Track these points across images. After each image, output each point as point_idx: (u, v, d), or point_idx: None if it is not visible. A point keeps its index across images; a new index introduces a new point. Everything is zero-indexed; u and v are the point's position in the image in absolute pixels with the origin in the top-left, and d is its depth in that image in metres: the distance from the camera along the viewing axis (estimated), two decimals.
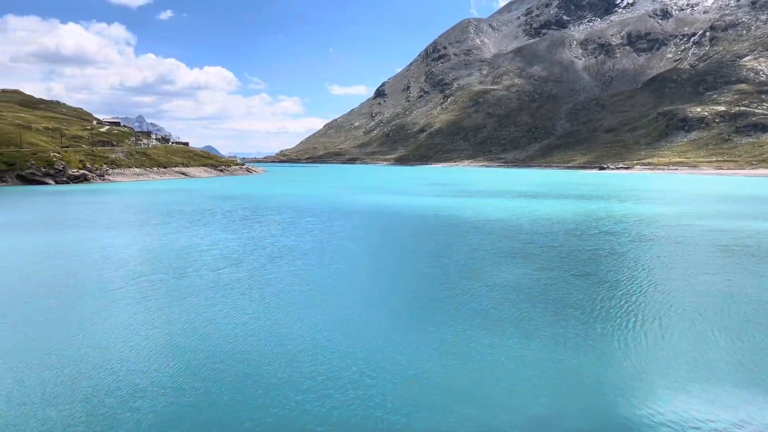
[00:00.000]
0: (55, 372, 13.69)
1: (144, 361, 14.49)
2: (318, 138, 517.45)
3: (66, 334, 16.53)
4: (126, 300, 20.32)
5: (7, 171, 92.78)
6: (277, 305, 19.78)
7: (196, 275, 24.52)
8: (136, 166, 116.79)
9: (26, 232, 37.69)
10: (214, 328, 17.20)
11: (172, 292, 21.43)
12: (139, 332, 16.79)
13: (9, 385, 12.97)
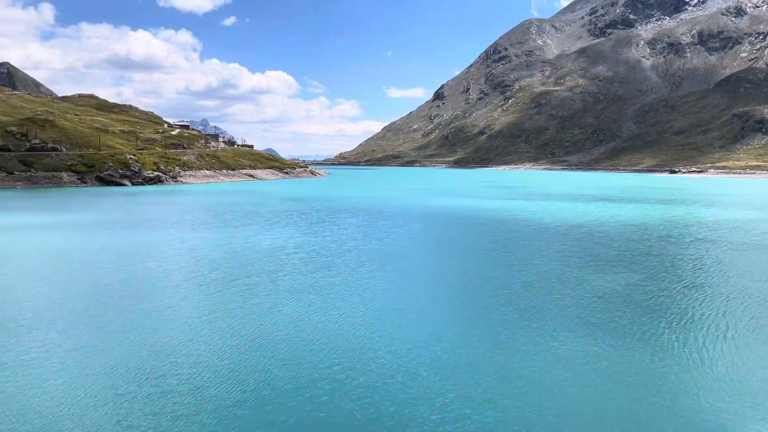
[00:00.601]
0: (171, 370, 13.55)
1: (254, 364, 14.19)
2: (376, 141, 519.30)
3: (178, 336, 16.47)
4: (230, 304, 20.22)
5: (87, 172, 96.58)
6: (375, 309, 19.26)
7: (290, 278, 24.34)
8: (206, 168, 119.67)
9: (118, 232, 38.66)
10: (321, 333, 16.80)
11: (272, 296, 21.24)
12: (248, 337, 16.55)
13: (127, 383, 12.89)
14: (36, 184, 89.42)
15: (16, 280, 24.10)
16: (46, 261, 28.26)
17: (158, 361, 14.46)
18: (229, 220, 46.71)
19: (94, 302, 20.19)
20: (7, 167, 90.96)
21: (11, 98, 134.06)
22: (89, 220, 46.62)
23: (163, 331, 17.07)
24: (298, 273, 25.56)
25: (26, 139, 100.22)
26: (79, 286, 22.86)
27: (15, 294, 21.50)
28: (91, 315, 18.57)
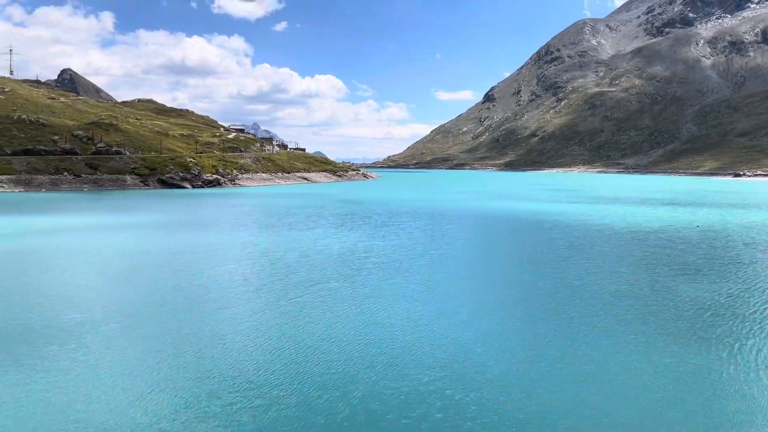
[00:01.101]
0: (257, 377, 13.17)
1: (348, 371, 13.68)
2: (425, 143, 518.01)
3: (266, 341, 16.12)
4: (314, 308, 19.82)
5: (150, 175, 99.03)
6: (459, 318, 18.51)
7: (369, 283, 23.82)
8: (262, 172, 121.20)
9: (191, 234, 39.07)
10: (410, 339, 16.18)
11: (355, 301, 20.73)
12: (339, 342, 16.06)
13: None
14: (101, 187, 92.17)
15: (98, 281, 24.41)
16: (126, 263, 28.60)
17: (243, 367, 14.11)
18: (295, 222, 46.73)
19: (177, 306, 20.11)
20: (75, 170, 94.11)
21: (77, 103, 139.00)
22: (161, 222, 47.46)
23: (250, 335, 16.76)
24: (375, 278, 25.05)
25: (92, 143, 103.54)
26: (160, 288, 22.92)
27: (99, 296, 21.69)
28: (174, 318, 18.45)
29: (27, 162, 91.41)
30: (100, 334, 16.70)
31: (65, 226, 43.45)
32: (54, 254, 30.78)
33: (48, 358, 14.68)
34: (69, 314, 18.64)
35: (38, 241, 35.54)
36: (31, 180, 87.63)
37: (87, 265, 27.76)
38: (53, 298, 20.89)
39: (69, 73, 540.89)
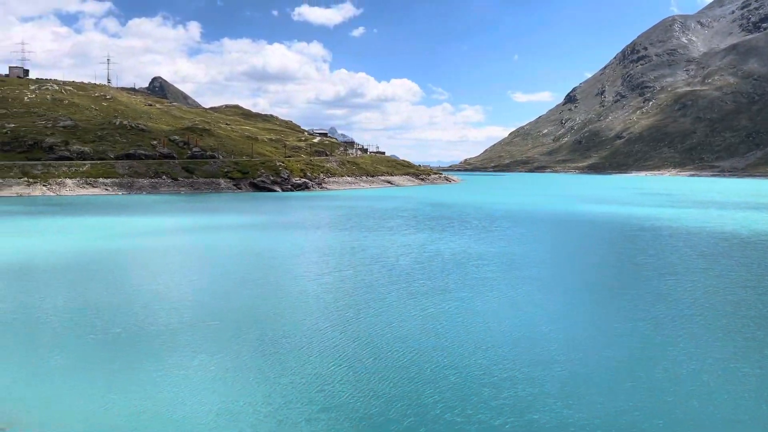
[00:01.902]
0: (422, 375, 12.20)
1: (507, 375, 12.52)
2: (503, 146, 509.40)
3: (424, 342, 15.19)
4: (454, 319, 18.78)
5: (242, 179, 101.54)
6: (607, 328, 16.90)
7: (504, 290, 22.56)
8: (347, 175, 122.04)
9: (305, 234, 39.11)
10: (563, 347, 14.82)
11: (494, 313, 19.55)
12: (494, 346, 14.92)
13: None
14: (197, 190, 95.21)
15: (229, 281, 24.25)
16: (245, 264, 28.55)
17: (401, 368, 13.20)
18: (395, 226, 46.01)
19: (309, 311, 19.56)
20: (172, 173, 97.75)
21: (171, 109, 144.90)
22: (267, 223, 48.07)
23: (387, 348, 15.86)
24: (506, 284, 23.78)
25: (187, 147, 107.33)
26: (285, 293, 22.54)
27: (232, 296, 21.42)
28: (306, 323, 17.85)
29: (129, 166, 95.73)
30: (225, 336, 16.31)
31: (183, 226, 44.63)
32: (181, 253, 31.31)
33: (176, 356, 14.37)
34: (198, 315, 18.45)
35: (165, 240, 36.46)
36: (133, 183, 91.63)
37: (212, 267, 27.91)
38: (184, 300, 20.86)
39: (159, 81, 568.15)
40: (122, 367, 14.22)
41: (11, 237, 38.00)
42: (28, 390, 12.82)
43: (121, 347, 15.63)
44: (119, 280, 24.85)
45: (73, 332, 17.03)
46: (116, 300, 20.81)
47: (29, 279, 24.72)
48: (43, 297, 21.46)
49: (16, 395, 12.54)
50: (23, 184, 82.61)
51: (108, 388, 12.88)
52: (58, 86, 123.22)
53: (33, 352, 15.21)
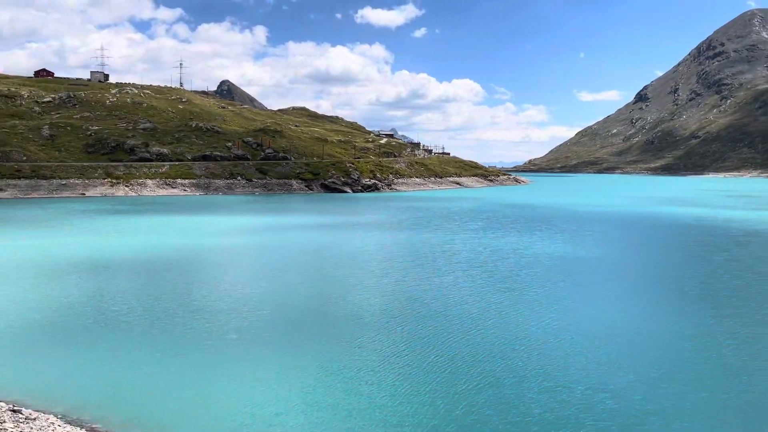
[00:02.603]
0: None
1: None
2: (569, 146, 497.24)
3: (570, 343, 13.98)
4: (588, 311, 17.46)
5: (313, 180, 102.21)
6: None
7: (625, 295, 21.04)
8: (416, 176, 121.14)
9: (399, 233, 38.36)
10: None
11: (631, 312, 18.08)
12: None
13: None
14: (270, 191, 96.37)
15: (331, 283, 23.57)
16: (349, 264, 27.92)
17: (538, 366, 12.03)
18: (483, 228, 44.65)
19: (427, 312, 18.60)
20: (246, 174, 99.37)
21: (243, 111, 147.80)
22: (354, 223, 47.68)
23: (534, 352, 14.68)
24: (628, 289, 22.20)
25: (261, 149, 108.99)
26: (399, 294, 21.66)
27: (337, 297, 20.68)
28: (446, 322, 16.86)
29: (205, 167, 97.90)
30: (332, 337, 15.52)
31: (272, 225, 44.71)
32: (279, 253, 31.08)
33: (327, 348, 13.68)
34: (305, 315, 17.81)
35: (261, 239, 36.51)
36: (209, 184, 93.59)
37: (311, 268, 27.40)
38: (291, 299, 20.33)
39: (227, 84, 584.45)
40: (242, 365, 13.71)
41: (118, 235, 38.91)
42: (139, 387, 12.42)
43: (233, 346, 15.15)
44: (223, 278, 24.67)
45: (192, 329, 16.69)
46: (225, 299, 20.50)
47: (138, 275, 24.86)
48: (155, 293, 21.39)
49: (125, 393, 12.14)
50: (107, 185, 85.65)
51: (220, 384, 12.35)
52: (137, 89, 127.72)
53: (151, 349, 14.89)
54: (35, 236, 38.34)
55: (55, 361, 14.65)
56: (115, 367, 14.14)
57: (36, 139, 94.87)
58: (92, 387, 12.96)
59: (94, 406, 11.95)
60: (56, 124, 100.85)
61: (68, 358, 14.86)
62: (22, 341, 16.20)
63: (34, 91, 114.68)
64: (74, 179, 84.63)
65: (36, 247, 33.57)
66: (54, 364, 14.45)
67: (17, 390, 12.74)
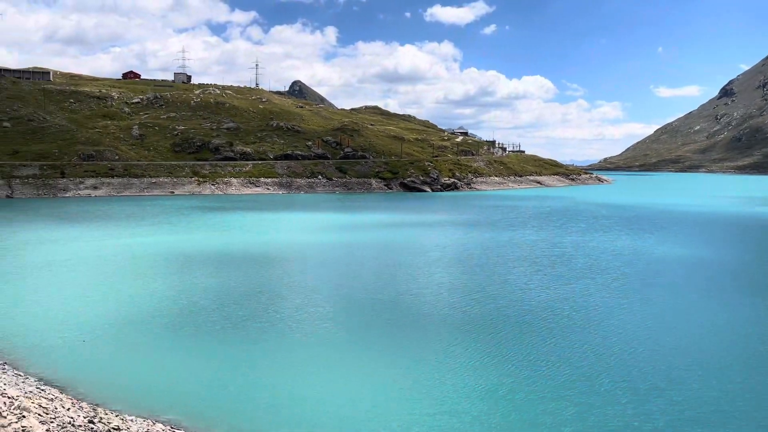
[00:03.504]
0: None
1: None
2: (648, 144, 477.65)
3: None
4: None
5: (392, 179, 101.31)
6: None
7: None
8: (495, 175, 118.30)
9: (496, 233, 36.66)
10: None
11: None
12: None
13: None
14: (350, 190, 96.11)
15: (459, 283, 22.16)
16: (469, 263, 26.48)
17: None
18: (587, 228, 42.15)
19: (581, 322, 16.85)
20: (327, 173, 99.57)
21: (320, 111, 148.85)
22: (452, 222, 46.43)
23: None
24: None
25: (340, 148, 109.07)
26: (538, 297, 19.99)
27: (475, 294, 19.23)
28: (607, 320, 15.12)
29: (287, 166, 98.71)
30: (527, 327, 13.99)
31: (375, 222, 43.92)
32: (395, 248, 30.01)
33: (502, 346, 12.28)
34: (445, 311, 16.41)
35: (372, 234, 35.67)
36: (291, 183, 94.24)
37: (434, 264, 26.11)
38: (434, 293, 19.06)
39: (299, 85, 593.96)
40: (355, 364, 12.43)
41: (225, 232, 38.95)
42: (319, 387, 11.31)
43: (379, 339, 13.88)
44: (341, 276, 23.69)
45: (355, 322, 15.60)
46: (343, 298, 19.42)
47: (256, 270, 24.23)
48: (271, 289, 20.57)
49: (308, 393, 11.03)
50: (194, 183, 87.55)
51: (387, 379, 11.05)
52: (219, 90, 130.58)
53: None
54: (142, 234, 38.83)
55: (165, 357, 13.99)
56: (227, 365, 13.20)
57: (126, 138, 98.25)
58: (196, 382, 12.33)
59: (198, 403, 11.20)
60: (145, 124, 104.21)
61: (173, 355, 14.19)
62: (142, 334, 15.58)
63: (123, 92, 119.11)
64: (163, 178, 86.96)
65: (147, 244, 33.84)
66: (164, 360, 13.79)
67: (118, 388, 12.04)
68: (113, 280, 23.90)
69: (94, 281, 23.64)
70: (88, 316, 18.32)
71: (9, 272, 25.23)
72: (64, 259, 28.31)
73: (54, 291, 21.81)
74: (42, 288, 22.33)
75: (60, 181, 78.75)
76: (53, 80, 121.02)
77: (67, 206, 61.44)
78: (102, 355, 14.90)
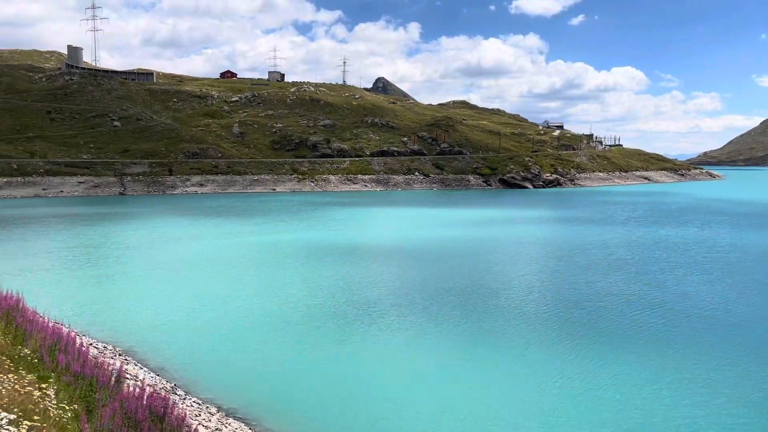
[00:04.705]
0: None
1: None
2: (754, 137, 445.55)
3: None
4: None
5: (491, 175, 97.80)
6: None
7: None
8: (598, 170, 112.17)
9: (649, 230, 33.22)
10: None
11: None
12: None
13: None
14: (448, 186, 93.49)
15: (628, 288, 19.23)
16: (635, 265, 23.41)
17: None
18: (731, 226, 37.59)
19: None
20: (423, 170, 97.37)
21: (412, 107, 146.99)
22: (582, 218, 43.22)
23: None
24: None
25: (436, 144, 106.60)
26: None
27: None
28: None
29: (383, 163, 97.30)
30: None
31: (498, 218, 41.38)
32: (538, 244, 27.44)
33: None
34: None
35: (504, 229, 33.30)
36: (388, 180, 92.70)
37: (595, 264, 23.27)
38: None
39: (382, 81, 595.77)
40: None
41: (360, 227, 37.55)
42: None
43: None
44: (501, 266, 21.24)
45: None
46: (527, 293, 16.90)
47: (421, 261, 22.25)
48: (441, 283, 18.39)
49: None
50: (294, 180, 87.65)
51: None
52: (313, 87, 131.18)
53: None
54: (271, 231, 37.99)
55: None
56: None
57: (228, 136, 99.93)
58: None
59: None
60: (244, 122, 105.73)
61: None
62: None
63: (222, 91, 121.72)
64: (264, 175, 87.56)
65: (287, 241, 32.73)
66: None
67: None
68: (269, 281, 22.53)
69: (244, 284, 22.32)
70: (260, 331, 16.76)
71: (142, 274, 24.45)
72: (198, 259, 27.44)
73: (203, 298, 20.55)
74: (186, 292, 21.19)
75: (168, 179, 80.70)
76: (156, 81, 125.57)
77: (180, 203, 62.39)
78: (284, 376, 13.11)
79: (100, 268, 25.48)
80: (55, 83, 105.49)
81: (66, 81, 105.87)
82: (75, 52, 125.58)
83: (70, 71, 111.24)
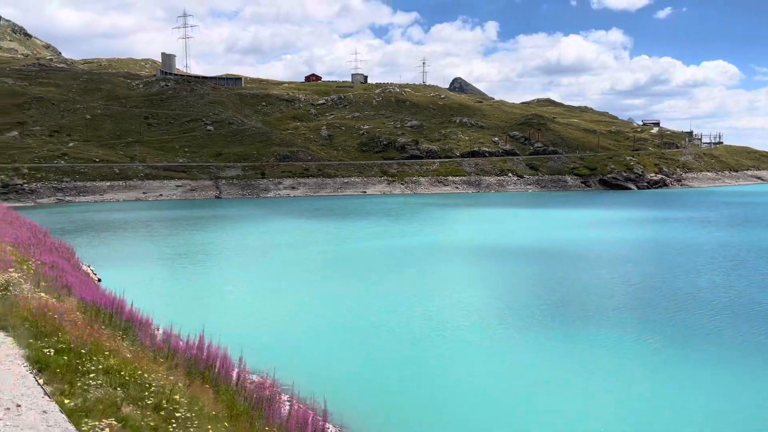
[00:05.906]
0: None
1: None
2: None
3: None
4: None
5: (590, 175, 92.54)
6: None
7: None
8: (706, 170, 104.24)
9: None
10: None
11: None
12: None
13: None
14: (544, 188, 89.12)
15: None
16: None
17: None
18: None
19: None
20: (517, 171, 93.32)
21: (500, 105, 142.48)
22: (719, 220, 38.82)
23: None
24: None
25: (529, 143, 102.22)
26: None
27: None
28: None
29: (474, 164, 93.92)
30: None
31: (625, 218, 38.00)
32: (675, 246, 24.12)
33: None
34: None
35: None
36: (480, 181, 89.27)
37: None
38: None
39: (459, 82, 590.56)
40: None
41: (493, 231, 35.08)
42: None
43: None
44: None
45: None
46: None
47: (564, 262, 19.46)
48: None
49: None
50: (384, 183, 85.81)
51: None
52: (399, 88, 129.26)
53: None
54: (387, 234, 35.95)
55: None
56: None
57: (316, 139, 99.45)
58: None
59: None
60: (332, 124, 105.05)
61: None
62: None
63: (308, 94, 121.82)
64: (354, 177, 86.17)
65: (417, 245, 30.56)
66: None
67: None
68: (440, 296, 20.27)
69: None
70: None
71: (265, 283, 22.68)
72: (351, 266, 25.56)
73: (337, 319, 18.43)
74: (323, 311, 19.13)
75: (261, 182, 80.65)
76: (244, 85, 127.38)
77: (277, 206, 61.66)
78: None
79: (242, 284, 24.00)
80: (151, 89, 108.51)
81: (161, 87, 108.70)
82: (168, 59, 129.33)
83: (164, 77, 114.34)
